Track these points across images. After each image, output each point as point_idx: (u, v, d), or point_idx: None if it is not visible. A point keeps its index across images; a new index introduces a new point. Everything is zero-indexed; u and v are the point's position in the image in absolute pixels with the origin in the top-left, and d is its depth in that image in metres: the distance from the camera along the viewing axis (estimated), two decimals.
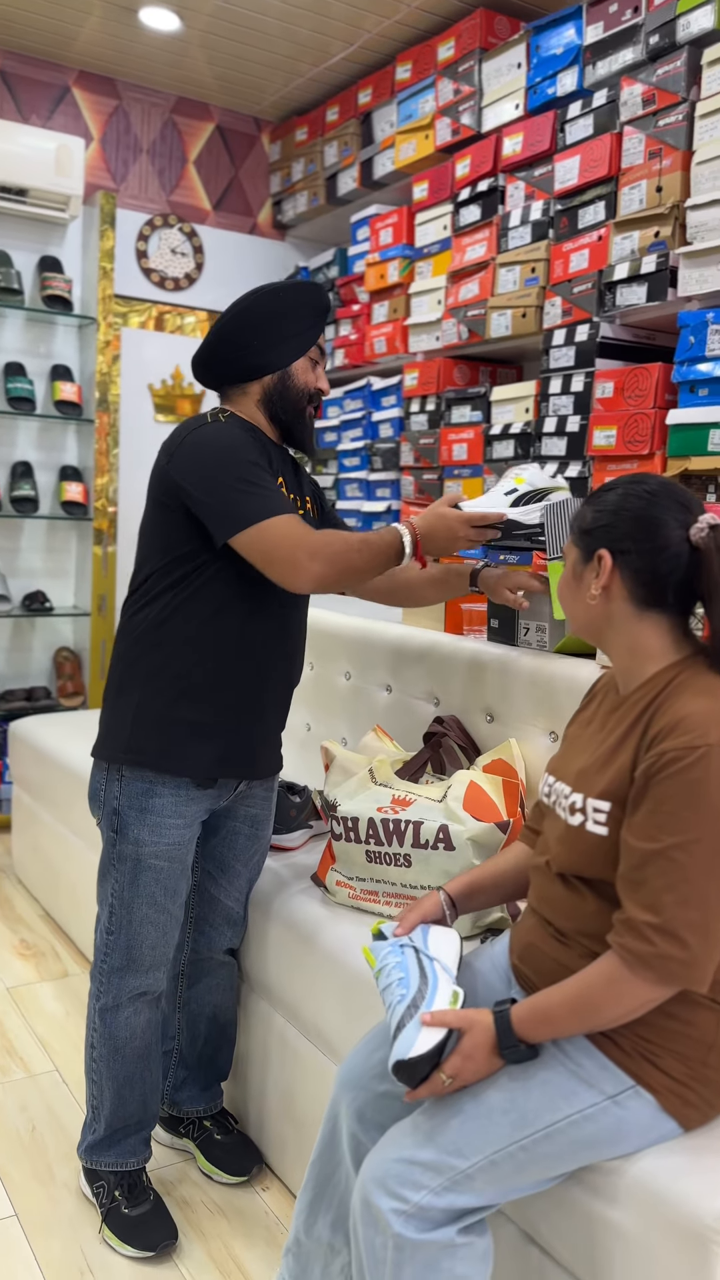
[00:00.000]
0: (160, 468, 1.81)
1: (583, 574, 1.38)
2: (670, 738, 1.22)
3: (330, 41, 3.95)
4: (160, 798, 1.81)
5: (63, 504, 4.22)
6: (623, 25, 2.98)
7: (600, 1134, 1.26)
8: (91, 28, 3.92)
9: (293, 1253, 1.56)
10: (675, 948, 1.18)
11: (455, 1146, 1.28)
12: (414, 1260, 1.27)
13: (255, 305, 1.84)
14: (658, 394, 2.81)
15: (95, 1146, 1.93)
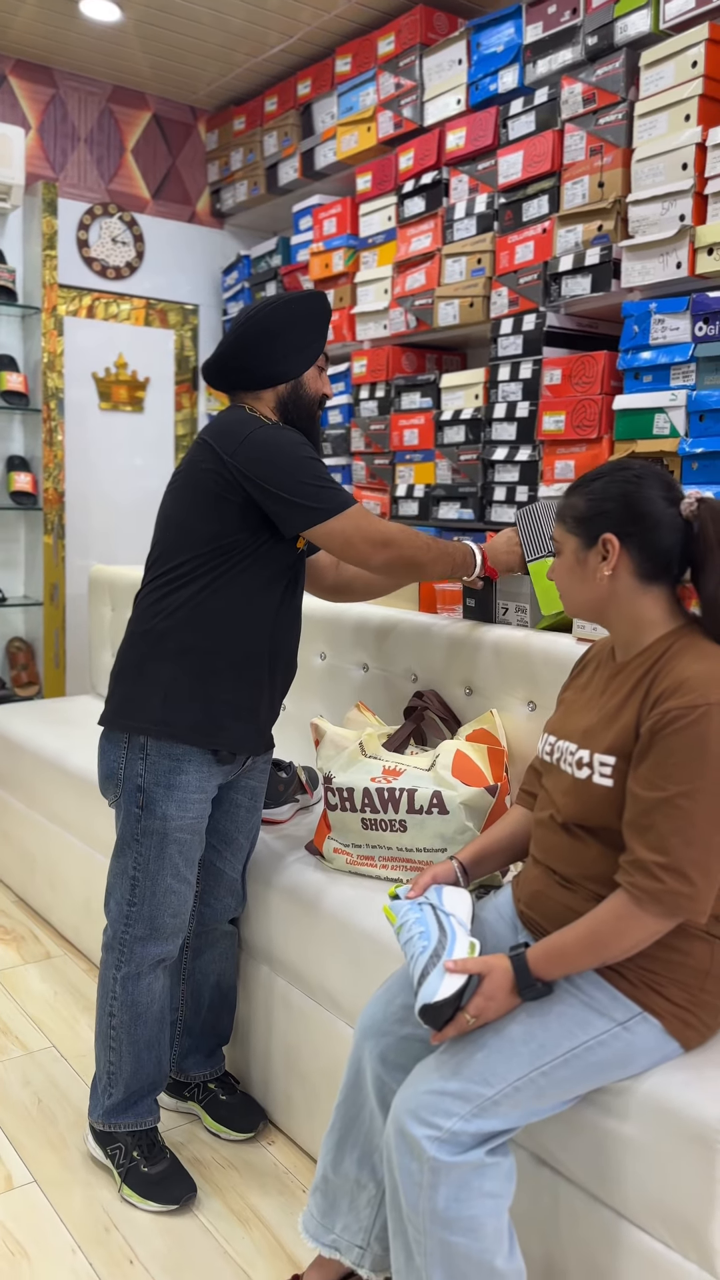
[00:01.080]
0: (219, 460, 1.89)
1: (586, 559, 1.51)
2: (674, 697, 1.36)
3: (267, 33, 4.01)
4: (186, 774, 1.91)
5: (11, 494, 4.24)
6: (562, 26, 3.11)
7: (612, 1057, 1.41)
8: (27, 16, 3.92)
9: (320, 1190, 1.68)
10: (682, 884, 1.33)
11: (481, 1076, 1.41)
12: (448, 1181, 1.40)
13: (270, 317, 1.95)
14: (604, 380, 2.97)
15: (113, 1109, 2.03)
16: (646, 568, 1.47)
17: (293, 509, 1.86)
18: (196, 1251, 1.88)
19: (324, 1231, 1.67)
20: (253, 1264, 1.85)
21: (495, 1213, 1.42)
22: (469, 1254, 1.41)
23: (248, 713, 1.97)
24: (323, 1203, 1.68)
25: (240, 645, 1.93)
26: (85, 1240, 1.90)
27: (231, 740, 1.95)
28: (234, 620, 1.92)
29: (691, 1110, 1.37)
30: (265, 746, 2.07)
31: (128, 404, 4.78)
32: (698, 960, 1.43)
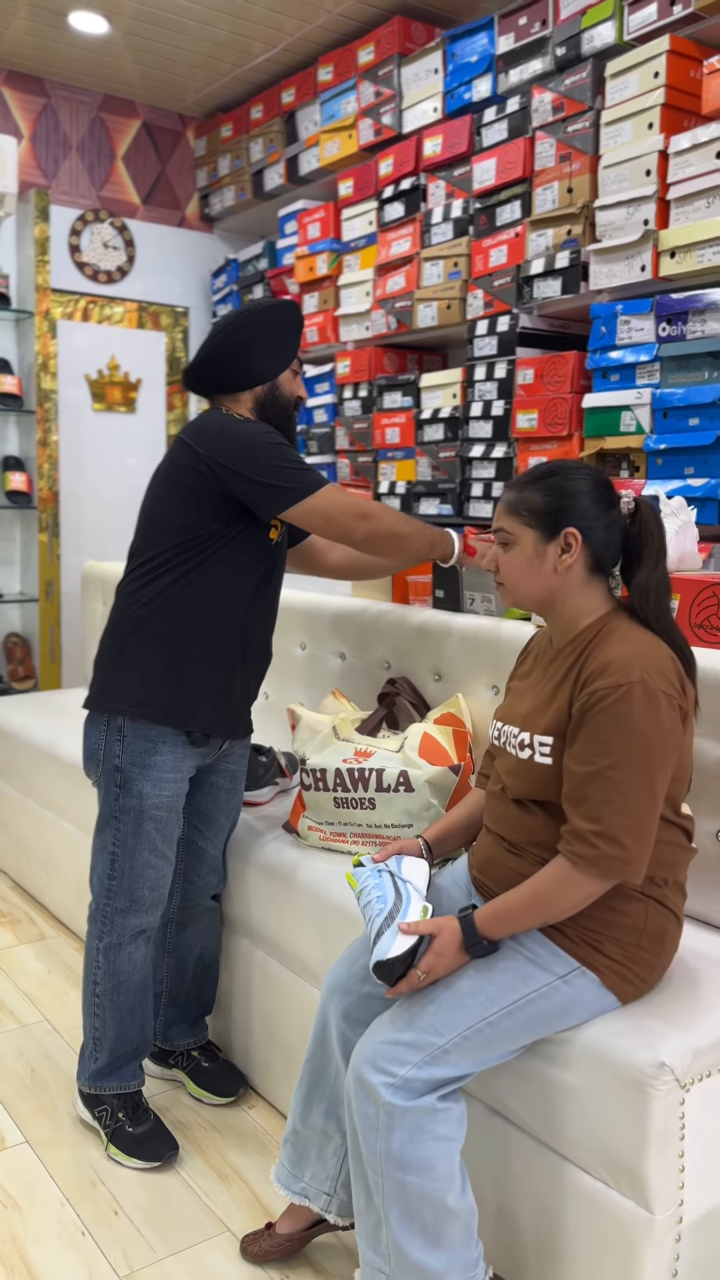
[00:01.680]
0: (194, 456, 2.00)
1: (545, 551, 1.59)
2: (600, 679, 1.48)
3: (251, 43, 4.12)
4: (161, 754, 2.03)
5: (7, 493, 4.35)
6: (532, 37, 3.22)
7: (553, 1009, 1.52)
8: (18, 29, 4.03)
9: (290, 1141, 1.80)
10: (614, 848, 1.44)
11: (433, 1027, 1.52)
12: (402, 1124, 1.51)
13: (246, 325, 2.06)
14: (574, 379, 3.08)
15: (99, 1073, 2.14)
16: (596, 561, 1.59)
17: (269, 492, 1.96)
18: (178, 1204, 2.00)
19: (294, 1180, 1.79)
20: (230, 1215, 1.97)
21: (446, 1154, 1.53)
22: (422, 1192, 1.52)
23: (220, 697, 2.08)
24: (293, 1153, 1.79)
25: (213, 632, 2.04)
26: (73, 1194, 2.01)
27: (203, 723, 2.06)
28: (207, 608, 2.03)
29: (626, 1058, 1.48)
30: (241, 731, 2.17)
31: (120, 405, 4.90)
32: (633, 919, 1.54)
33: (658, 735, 1.45)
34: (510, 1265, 1.69)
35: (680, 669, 1.52)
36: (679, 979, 1.65)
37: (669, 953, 1.58)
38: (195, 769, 2.13)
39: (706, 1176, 1.52)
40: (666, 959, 1.58)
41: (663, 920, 1.56)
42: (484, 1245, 1.71)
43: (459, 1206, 1.54)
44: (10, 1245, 1.88)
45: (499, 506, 1.66)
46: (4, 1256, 1.85)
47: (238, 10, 3.84)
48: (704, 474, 2.71)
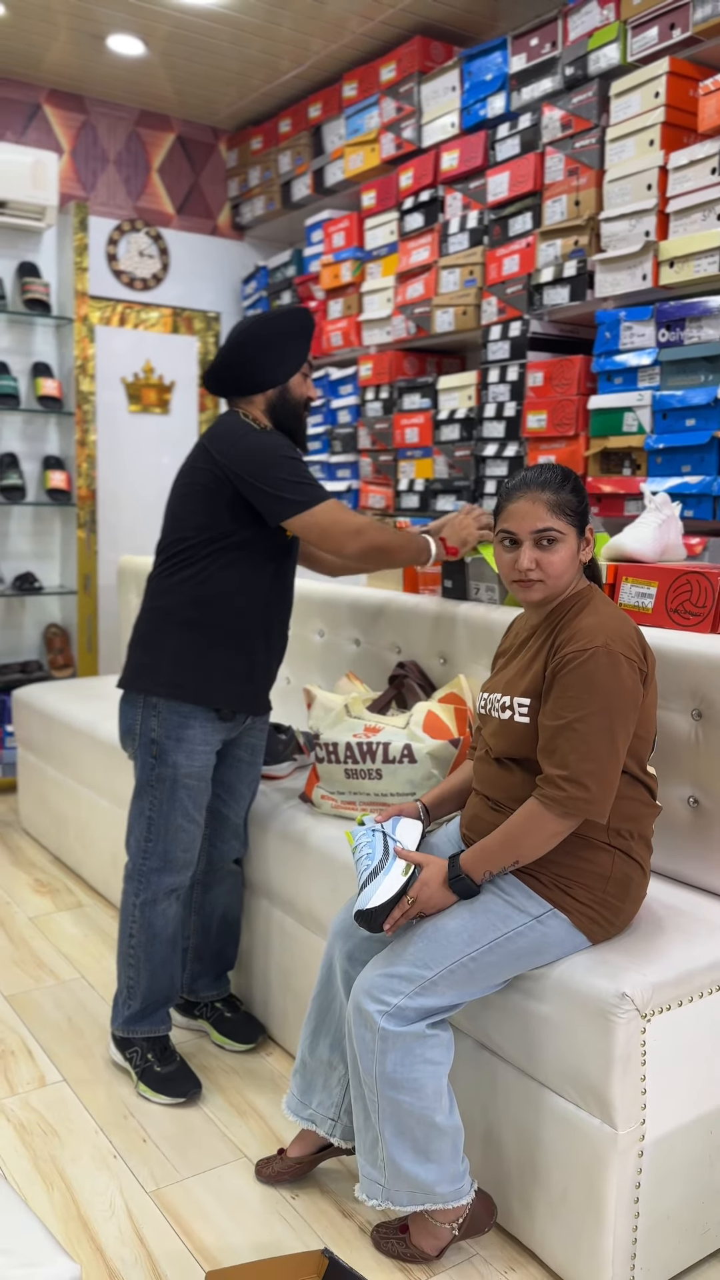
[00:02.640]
0: (211, 463, 2.22)
1: (578, 548, 1.79)
2: (570, 645, 1.68)
3: (279, 61, 4.32)
4: (192, 728, 2.25)
5: (48, 491, 4.59)
6: (543, 57, 3.40)
7: (529, 946, 1.71)
8: (59, 51, 4.26)
9: (299, 1073, 2.00)
10: (579, 790, 1.64)
11: (422, 961, 1.72)
12: (395, 1048, 1.71)
13: (257, 332, 2.26)
14: (580, 382, 3.26)
15: (132, 1019, 2.35)
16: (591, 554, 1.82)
17: (275, 502, 2.17)
18: (200, 1134, 2.20)
19: (302, 1107, 1.99)
20: (247, 1144, 2.17)
21: (435, 1077, 1.73)
22: (413, 1110, 1.72)
23: (243, 677, 2.29)
24: (301, 1083, 1.99)
25: (235, 619, 2.25)
26: (106, 1125, 2.22)
27: (230, 700, 2.27)
28: (229, 598, 2.24)
29: (593, 990, 1.66)
30: (262, 708, 2.38)
31: (155, 406, 5.13)
32: (601, 867, 1.73)
33: (619, 693, 1.65)
34: (495, 1181, 1.88)
35: (641, 637, 1.72)
36: (646, 925, 1.83)
37: (634, 900, 1.77)
38: (222, 742, 2.33)
39: (667, 1100, 1.70)
40: (632, 905, 1.77)
41: (628, 869, 1.75)
42: (472, 1165, 1.91)
43: (446, 1125, 1.74)
44: (50, 1165, 2.09)
45: (534, 507, 1.74)
46: (45, 1174, 2.06)
47: (267, 30, 4.04)
48: (700, 471, 2.88)
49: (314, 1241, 1.89)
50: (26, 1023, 2.63)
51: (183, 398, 5.20)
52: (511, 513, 1.77)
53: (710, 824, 1.96)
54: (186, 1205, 1.98)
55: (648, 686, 1.72)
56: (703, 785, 1.96)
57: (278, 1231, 1.92)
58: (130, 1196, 2.00)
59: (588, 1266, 1.72)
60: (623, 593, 2.20)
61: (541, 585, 1.77)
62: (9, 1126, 2.21)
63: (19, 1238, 1.24)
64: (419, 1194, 1.75)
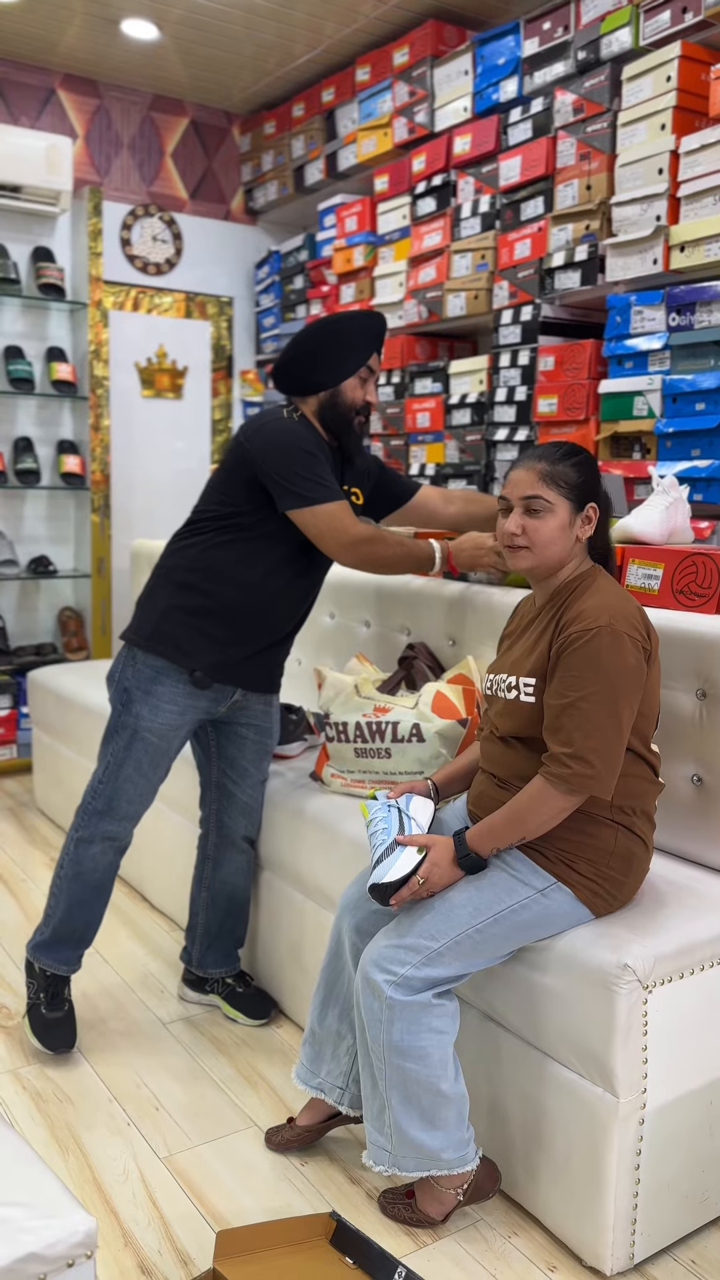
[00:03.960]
0: (239, 443, 2.27)
1: (573, 522, 1.81)
2: (574, 625, 1.71)
3: (293, 45, 4.33)
4: (162, 685, 2.30)
5: (62, 475, 4.63)
6: (555, 41, 3.40)
7: (533, 919, 1.74)
8: (73, 36, 4.28)
9: (309, 1042, 2.04)
10: (584, 767, 1.67)
11: (429, 932, 1.76)
12: (402, 1017, 1.75)
13: (317, 334, 2.29)
14: (591, 366, 3.27)
15: (40, 946, 2.43)
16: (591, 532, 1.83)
17: (283, 491, 2.22)
18: (211, 1103, 2.25)
19: (312, 1076, 2.03)
20: (257, 1113, 2.22)
21: (440, 1045, 1.77)
22: (419, 1078, 1.76)
23: (224, 648, 2.31)
24: (310, 1052, 2.04)
25: (229, 592, 2.29)
26: (119, 1094, 2.28)
27: (202, 666, 2.30)
28: (228, 571, 2.29)
29: (596, 962, 1.70)
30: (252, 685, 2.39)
31: (168, 391, 5.16)
32: (603, 842, 1.76)
33: (622, 672, 1.68)
34: (499, 1148, 1.92)
35: (645, 617, 1.75)
36: (649, 899, 1.86)
37: (637, 874, 1.80)
38: (205, 714, 2.37)
39: (668, 1070, 1.74)
40: (635, 879, 1.80)
41: (630, 844, 1.78)
42: (477, 1133, 1.95)
43: (452, 1092, 1.78)
44: (66, 1132, 2.14)
45: (528, 475, 1.80)
46: (61, 1140, 2.12)
47: (281, 15, 4.05)
48: (709, 455, 2.89)
49: (322, 1206, 1.94)
50: None
51: (196, 382, 5.23)
52: (509, 479, 1.85)
53: (713, 802, 1.99)
54: (198, 1171, 2.03)
55: (651, 665, 1.75)
56: (706, 764, 1.99)
57: (287, 1196, 1.97)
58: (144, 1162, 2.05)
59: (589, 1232, 1.76)
60: (629, 574, 2.22)
61: (528, 553, 1.81)
62: (25, 1095, 2.26)
63: (38, 1192, 1.29)
64: (425, 1160, 1.79)
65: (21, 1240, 1.19)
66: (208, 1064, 2.39)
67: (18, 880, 3.42)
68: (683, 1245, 1.86)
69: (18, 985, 2.73)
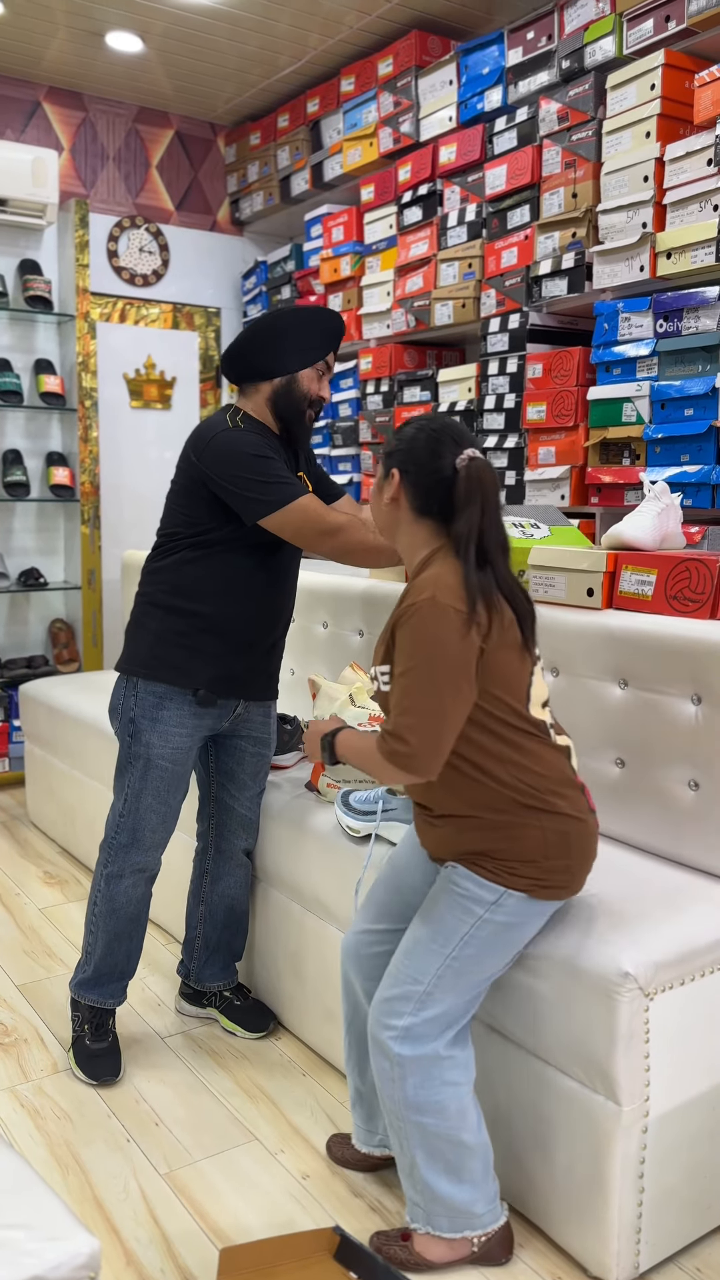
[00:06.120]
0: (190, 462, 2.26)
1: (382, 487, 1.80)
2: (403, 601, 1.68)
3: (277, 56, 4.34)
4: (167, 710, 2.28)
5: (51, 487, 4.62)
6: (539, 51, 3.42)
7: (499, 930, 1.70)
8: (58, 49, 4.28)
9: (357, 1104, 2.01)
10: (398, 744, 1.64)
11: (411, 977, 1.73)
12: (413, 1072, 1.72)
13: (274, 321, 2.28)
14: (579, 373, 3.28)
15: (84, 984, 2.41)
16: (416, 503, 1.75)
17: (247, 502, 2.19)
18: (211, 1118, 2.24)
19: (370, 1135, 2.00)
20: (258, 1127, 2.21)
21: (456, 1097, 1.73)
22: (439, 1132, 1.73)
23: (223, 662, 2.31)
24: (363, 1112, 2.01)
25: (216, 607, 2.28)
26: (118, 1109, 2.26)
27: (206, 683, 2.29)
28: (208, 586, 2.27)
29: (597, 970, 1.69)
30: (252, 694, 2.39)
31: (157, 402, 5.15)
32: (532, 839, 1.70)
33: (443, 644, 1.61)
34: (502, 1157, 1.92)
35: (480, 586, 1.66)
36: (650, 906, 1.86)
37: (581, 849, 1.74)
38: (210, 730, 2.37)
39: (670, 1077, 1.73)
40: (582, 856, 1.74)
41: (559, 825, 1.71)
42: None
43: (475, 1143, 1.75)
44: (65, 1149, 2.13)
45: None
46: (60, 1158, 2.10)
47: (264, 26, 4.06)
48: (698, 460, 2.91)
49: (325, 1220, 1.93)
50: (38, 1011, 2.67)
51: (184, 393, 5.22)
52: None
53: (710, 807, 1.99)
54: (199, 1187, 2.02)
55: (493, 635, 1.66)
56: (703, 768, 1.99)
57: (290, 1211, 1.96)
58: (144, 1179, 2.04)
59: (594, 1242, 1.75)
60: (622, 580, 2.23)
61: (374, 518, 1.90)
62: (24, 1112, 2.25)
63: (39, 1213, 1.28)
64: (458, 1218, 1.76)
65: (24, 1263, 1.18)
66: (207, 1078, 2.38)
67: (11, 895, 3.40)
68: (688, 1253, 1.85)
69: (14, 1001, 2.71)
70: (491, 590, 1.68)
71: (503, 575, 1.71)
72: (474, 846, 1.74)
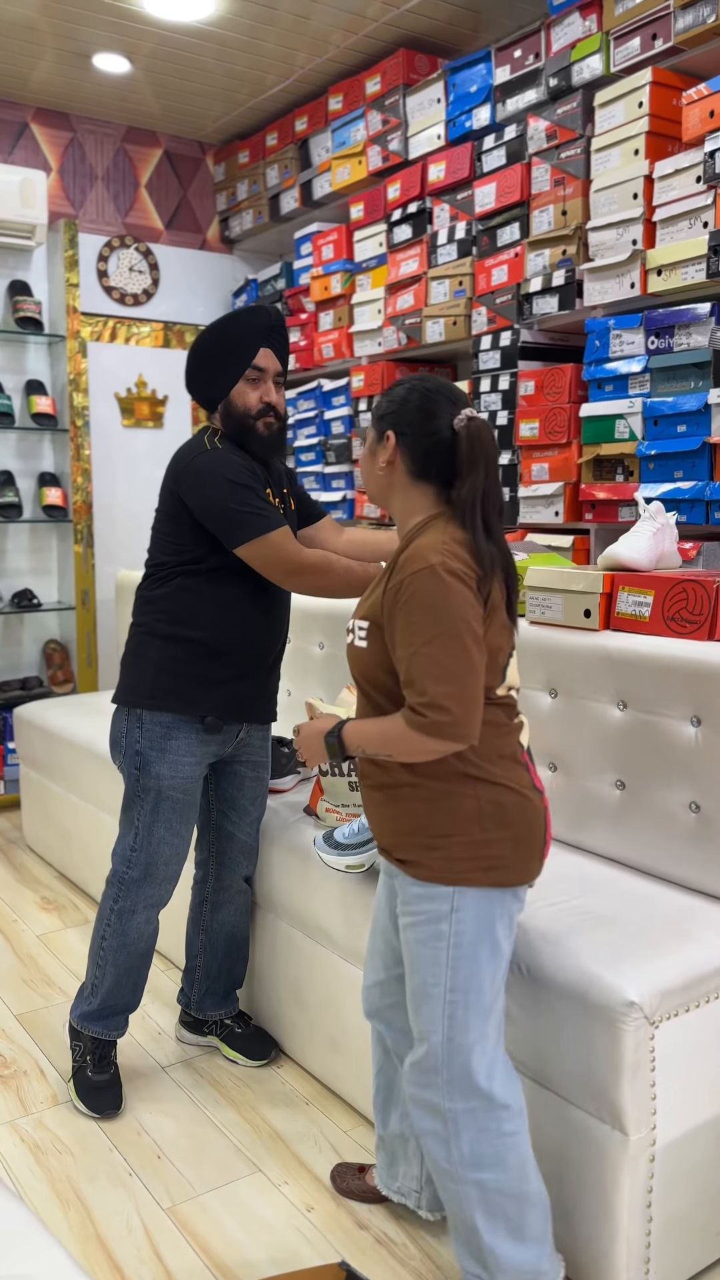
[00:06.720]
0: (170, 488, 2.25)
1: (376, 450, 1.72)
2: (404, 569, 1.60)
3: (265, 75, 4.35)
4: (175, 739, 2.26)
5: (44, 508, 4.60)
6: (526, 69, 3.42)
7: (472, 937, 1.63)
8: (45, 70, 4.28)
9: (381, 1148, 1.98)
10: (441, 714, 1.55)
11: (426, 1031, 1.68)
12: (468, 1126, 1.65)
13: (195, 348, 2.27)
14: (571, 390, 3.28)
15: (88, 1015, 2.38)
16: (414, 466, 1.68)
17: (222, 531, 2.18)
18: (214, 1150, 2.22)
19: (391, 1180, 1.97)
20: (261, 1158, 2.19)
21: (514, 1148, 1.67)
22: (500, 1186, 1.66)
23: (226, 688, 2.29)
24: (385, 1158, 1.98)
25: (214, 632, 2.26)
26: (120, 1142, 2.24)
27: (212, 709, 2.28)
28: (205, 614, 2.26)
29: (601, 999, 1.68)
30: (255, 718, 2.38)
31: (148, 420, 5.15)
32: (467, 814, 1.63)
33: (457, 607, 1.56)
34: None
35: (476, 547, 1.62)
36: (653, 931, 1.84)
37: (524, 823, 1.66)
38: (215, 756, 2.35)
39: (676, 1104, 1.72)
40: (524, 830, 1.66)
41: (495, 795, 1.65)
42: None
43: (537, 1192, 1.68)
44: (66, 1185, 2.11)
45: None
46: (61, 1194, 2.08)
47: (251, 46, 4.07)
48: (691, 477, 2.90)
49: (331, 1254, 1.91)
50: (38, 1041, 2.65)
51: (175, 411, 5.22)
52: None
53: (712, 829, 1.98)
54: (203, 1221, 2.00)
55: (492, 605, 1.63)
56: (703, 790, 1.98)
57: (295, 1245, 1.94)
58: (147, 1214, 2.02)
59: (602, 1271, 1.73)
60: (619, 601, 2.22)
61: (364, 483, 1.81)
62: (24, 1147, 2.23)
63: (39, 1260, 1.26)
64: None
65: None
66: (209, 1108, 2.36)
67: (8, 921, 3.38)
68: None
69: (13, 1032, 2.69)
70: (496, 563, 1.63)
71: (501, 545, 1.66)
72: (412, 823, 1.67)
